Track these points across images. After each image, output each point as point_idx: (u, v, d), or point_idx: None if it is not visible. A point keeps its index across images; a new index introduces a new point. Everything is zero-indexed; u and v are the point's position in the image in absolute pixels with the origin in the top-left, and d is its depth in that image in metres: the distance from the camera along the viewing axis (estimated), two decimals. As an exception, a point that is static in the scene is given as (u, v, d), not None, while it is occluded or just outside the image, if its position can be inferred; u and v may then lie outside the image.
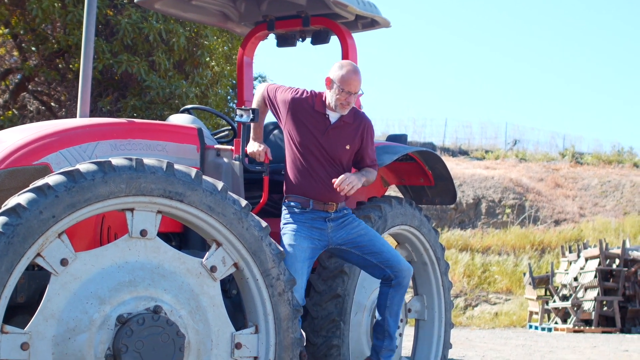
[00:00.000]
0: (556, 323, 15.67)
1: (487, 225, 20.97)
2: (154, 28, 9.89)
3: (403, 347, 4.88)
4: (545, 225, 21.09)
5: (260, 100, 4.73)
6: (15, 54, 12.00)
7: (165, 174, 3.60)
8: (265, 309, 3.91)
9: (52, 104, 11.97)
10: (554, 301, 15.93)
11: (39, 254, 3.32)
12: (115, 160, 3.52)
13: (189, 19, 6.09)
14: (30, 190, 3.32)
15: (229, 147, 4.62)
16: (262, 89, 4.74)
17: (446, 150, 27.28)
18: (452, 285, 6.14)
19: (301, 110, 4.55)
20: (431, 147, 25.32)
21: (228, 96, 12.82)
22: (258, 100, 4.75)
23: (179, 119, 4.86)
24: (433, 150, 5.94)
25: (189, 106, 5.44)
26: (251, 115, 4.46)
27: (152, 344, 3.45)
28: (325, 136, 4.53)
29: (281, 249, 3.97)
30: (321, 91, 4.61)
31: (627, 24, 71.07)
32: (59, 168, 3.75)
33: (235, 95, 12.16)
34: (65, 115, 11.08)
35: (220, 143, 5.11)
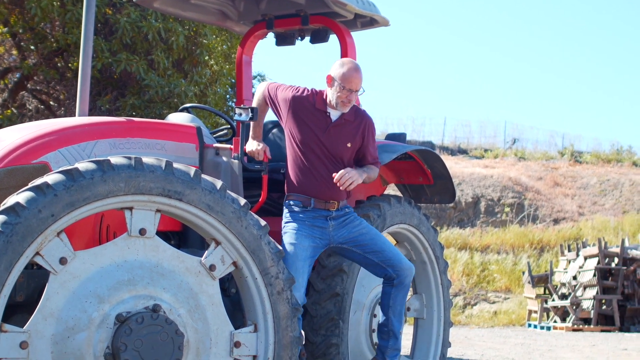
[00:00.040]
0: (555, 322, 15.67)
1: (486, 224, 20.98)
2: (153, 27, 9.88)
3: (402, 346, 4.88)
4: (544, 224, 21.10)
5: (261, 98, 4.73)
6: (14, 52, 11.99)
7: (164, 172, 3.60)
8: (264, 307, 3.91)
9: (51, 102, 11.96)
10: (553, 300, 15.93)
11: (38, 253, 3.32)
12: (114, 159, 3.51)
13: (188, 17, 6.09)
14: (29, 189, 3.32)
15: (228, 146, 4.62)
16: (263, 87, 4.74)
17: (445, 149, 27.27)
18: (451, 284, 6.14)
19: (302, 109, 4.54)
20: (430, 146, 25.32)
21: (227, 95, 12.81)
22: (259, 98, 4.74)
23: (177, 118, 4.86)
24: (432, 149, 5.94)
25: (187, 105, 5.44)
26: (250, 113, 4.45)
27: (151, 343, 3.45)
28: (327, 134, 4.52)
29: (280, 248, 3.96)
30: (322, 89, 4.61)
31: (627, 23, 71.08)
32: (58, 167, 3.76)
33: (234, 94, 12.17)
34: (64, 114, 11.08)
35: (219, 142, 5.11)
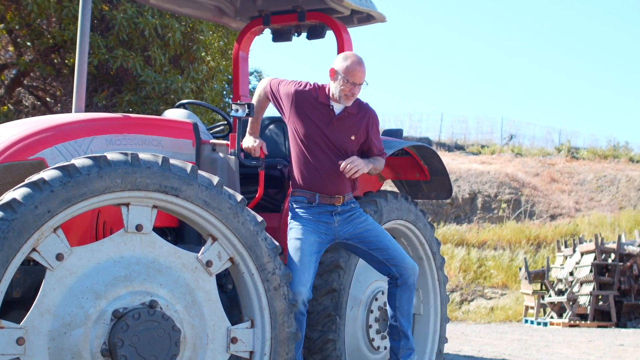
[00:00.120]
0: (552, 317, 15.68)
1: (483, 220, 20.99)
2: (150, 23, 9.87)
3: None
4: (541, 220, 21.11)
5: (262, 94, 4.72)
6: (11, 49, 11.97)
7: (160, 168, 3.60)
8: (261, 303, 3.91)
9: (48, 99, 11.94)
10: (550, 296, 15.94)
11: (34, 249, 3.32)
12: (111, 155, 3.51)
13: (185, 13, 6.08)
14: (25, 185, 3.32)
15: (225, 142, 4.62)
16: (265, 83, 4.73)
17: (442, 145, 27.28)
18: (448, 279, 6.15)
19: (305, 103, 4.54)
20: (427, 142, 25.32)
21: (224, 91, 12.80)
22: (259, 94, 4.73)
23: (174, 114, 4.86)
24: (429, 145, 5.94)
25: (184, 101, 5.44)
26: (247, 110, 4.45)
27: (148, 339, 3.45)
28: (330, 127, 4.51)
29: (277, 244, 3.97)
30: (324, 83, 4.60)
31: (623, 20, 71.12)
32: (55, 163, 3.76)
33: (231, 90, 12.15)
34: (60, 111, 11.06)
35: (215, 138, 5.11)
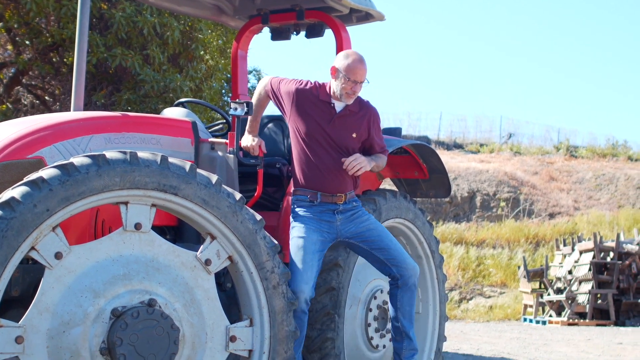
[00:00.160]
0: (550, 316, 15.70)
1: (482, 219, 20.99)
2: (148, 22, 9.86)
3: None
4: (539, 218, 21.12)
5: (263, 93, 4.71)
6: (9, 47, 11.96)
7: (159, 167, 3.60)
8: (260, 302, 3.91)
9: (46, 97, 11.93)
10: (549, 294, 15.95)
11: (33, 248, 3.32)
12: (110, 154, 3.51)
13: (184, 12, 6.08)
14: (24, 184, 3.32)
15: (224, 141, 4.61)
16: (265, 81, 4.72)
17: (441, 144, 27.28)
18: (447, 278, 6.16)
19: (306, 101, 4.53)
20: (426, 141, 25.32)
21: (222, 90, 12.79)
22: (260, 93, 4.73)
23: (173, 113, 4.86)
24: (428, 144, 5.95)
25: (183, 100, 5.44)
26: (245, 108, 4.45)
27: (147, 337, 3.45)
28: (332, 125, 4.51)
29: (275, 242, 3.97)
30: (325, 82, 4.60)
31: (622, 18, 71.12)
32: (53, 161, 3.75)
33: (230, 89, 12.16)
34: (59, 109, 11.05)
35: (214, 136, 5.11)
